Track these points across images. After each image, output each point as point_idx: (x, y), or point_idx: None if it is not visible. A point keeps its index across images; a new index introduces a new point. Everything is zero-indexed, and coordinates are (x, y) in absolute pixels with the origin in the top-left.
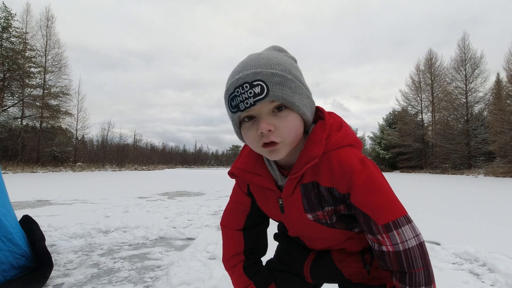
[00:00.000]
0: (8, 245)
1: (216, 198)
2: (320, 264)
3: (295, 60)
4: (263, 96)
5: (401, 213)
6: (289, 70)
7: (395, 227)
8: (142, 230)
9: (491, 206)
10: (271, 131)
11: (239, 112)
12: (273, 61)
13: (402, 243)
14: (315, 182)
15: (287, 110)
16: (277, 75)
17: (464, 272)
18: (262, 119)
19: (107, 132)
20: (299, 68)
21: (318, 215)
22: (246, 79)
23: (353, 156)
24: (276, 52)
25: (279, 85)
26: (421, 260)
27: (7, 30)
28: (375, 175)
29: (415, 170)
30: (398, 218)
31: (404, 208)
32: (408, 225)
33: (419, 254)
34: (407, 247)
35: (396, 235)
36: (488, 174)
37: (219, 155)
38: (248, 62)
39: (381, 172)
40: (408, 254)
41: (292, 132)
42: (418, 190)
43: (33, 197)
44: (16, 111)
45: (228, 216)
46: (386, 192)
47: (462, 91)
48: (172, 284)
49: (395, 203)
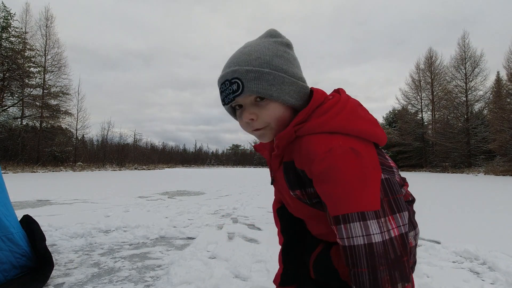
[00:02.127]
0: (8, 245)
1: (217, 197)
2: (322, 259)
3: (287, 44)
4: (239, 92)
5: (355, 208)
6: (268, 62)
7: (344, 221)
8: (143, 229)
9: (491, 204)
10: (253, 120)
11: (225, 105)
12: (253, 55)
13: (348, 239)
14: (292, 162)
15: (267, 100)
16: (252, 71)
17: (464, 270)
18: (245, 109)
19: (107, 131)
20: (287, 54)
21: (297, 194)
22: (226, 77)
23: (321, 143)
24: (267, 39)
25: (254, 80)
26: (366, 260)
27: (6, 30)
28: (338, 165)
29: (415, 169)
30: (349, 213)
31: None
32: (360, 222)
33: (365, 254)
34: (352, 244)
35: (343, 230)
36: (488, 173)
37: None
38: (231, 60)
39: (364, 163)
40: (353, 252)
41: (273, 119)
42: (418, 189)
43: (33, 197)
44: (16, 111)
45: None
46: (345, 184)
47: (462, 89)
48: (172, 283)
49: (353, 197)
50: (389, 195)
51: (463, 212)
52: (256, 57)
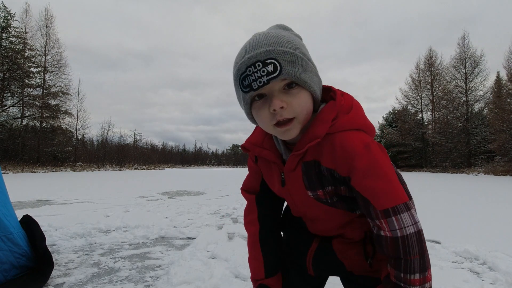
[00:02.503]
0: (8, 245)
1: (217, 197)
2: (322, 255)
3: (300, 38)
4: (277, 74)
5: (401, 200)
6: (298, 48)
7: (394, 213)
8: (143, 229)
9: (491, 204)
10: (283, 108)
11: (252, 91)
12: (283, 39)
13: (400, 230)
14: (317, 161)
15: (298, 88)
16: (288, 53)
17: (464, 270)
18: (274, 96)
19: (107, 131)
20: (305, 46)
21: (318, 194)
22: (258, 58)
23: (356, 140)
24: (283, 30)
25: (291, 63)
26: (417, 247)
27: (6, 30)
28: (379, 160)
29: (415, 169)
30: (397, 204)
31: (405, 195)
32: (408, 212)
33: (416, 241)
34: (404, 234)
35: (394, 221)
36: (488, 173)
37: (219, 155)
38: (258, 41)
39: (389, 159)
40: (406, 241)
41: (304, 109)
42: (418, 189)
43: (33, 197)
44: (16, 111)
45: (245, 181)
46: (387, 178)
47: (462, 89)
48: (172, 284)
49: (396, 189)
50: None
51: (463, 212)
52: (286, 40)
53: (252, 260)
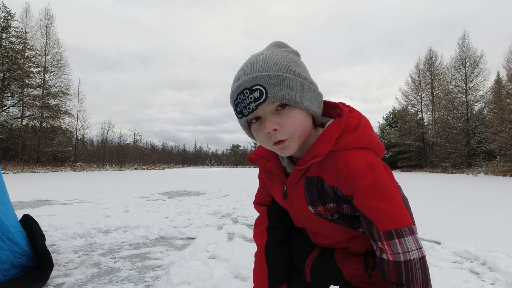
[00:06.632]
0: (8, 244)
1: (216, 197)
2: (321, 261)
3: (297, 53)
4: (263, 100)
5: (405, 222)
6: (287, 68)
7: (397, 236)
8: (143, 229)
9: (491, 204)
10: (276, 130)
11: (244, 117)
12: (271, 61)
13: (404, 254)
14: (320, 178)
15: (290, 107)
16: (274, 76)
17: (464, 271)
18: (266, 119)
19: (107, 132)
20: (301, 62)
21: (319, 210)
22: (245, 85)
23: (360, 158)
24: (276, 49)
25: (277, 86)
26: (421, 274)
27: (6, 30)
28: (383, 181)
29: (415, 169)
30: (401, 227)
31: (410, 218)
32: (412, 236)
33: (420, 267)
34: (408, 259)
35: (397, 244)
36: (488, 173)
37: (219, 155)
38: (247, 67)
39: (394, 180)
40: (409, 266)
41: (297, 128)
42: (418, 189)
43: (33, 197)
44: (16, 111)
45: (257, 194)
46: (391, 199)
47: (462, 90)
48: (172, 284)
49: (401, 211)
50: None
51: (463, 212)
52: (274, 62)
53: (256, 271)
